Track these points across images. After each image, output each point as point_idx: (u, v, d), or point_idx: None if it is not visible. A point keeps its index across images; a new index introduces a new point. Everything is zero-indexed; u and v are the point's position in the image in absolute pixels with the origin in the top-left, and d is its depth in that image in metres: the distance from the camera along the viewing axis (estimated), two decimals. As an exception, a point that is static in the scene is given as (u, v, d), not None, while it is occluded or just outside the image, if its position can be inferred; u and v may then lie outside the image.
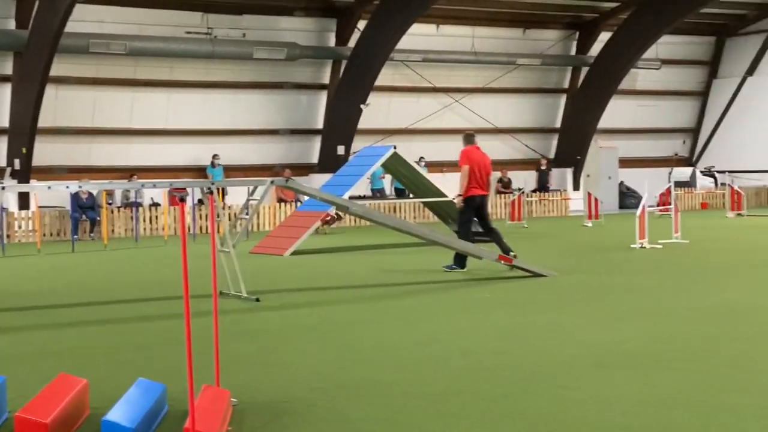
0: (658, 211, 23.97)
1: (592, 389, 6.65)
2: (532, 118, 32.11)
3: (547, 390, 6.66)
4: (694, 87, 35.41)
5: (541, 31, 31.36)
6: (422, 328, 9.43)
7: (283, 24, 27.14)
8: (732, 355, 7.73)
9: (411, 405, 6.31)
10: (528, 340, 8.61)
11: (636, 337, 8.63)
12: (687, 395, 6.42)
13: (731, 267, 14.41)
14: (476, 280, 13.02)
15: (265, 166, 27.20)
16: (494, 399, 6.44)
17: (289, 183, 12.59)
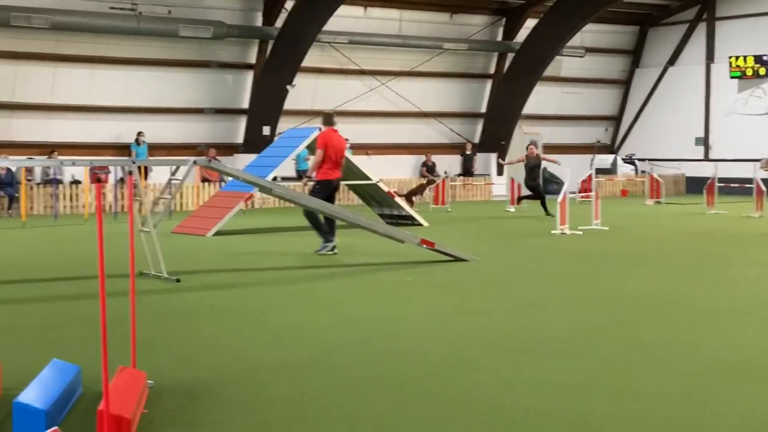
0: (580, 197, 24.33)
1: (506, 374, 6.77)
2: (458, 103, 32.30)
3: (462, 374, 6.76)
4: (616, 75, 35.93)
5: (468, 16, 31.50)
6: (343, 311, 9.47)
7: (210, 2, 26.84)
8: (644, 341, 7.91)
9: (329, 388, 6.35)
10: (448, 325, 8.70)
11: (553, 322, 8.78)
12: (597, 380, 6.57)
13: (648, 254, 14.72)
14: (398, 264, 13.08)
15: (190, 145, 26.94)
16: (411, 383, 6.51)
17: (212, 163, 12.51)
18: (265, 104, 27.34)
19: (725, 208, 23.32)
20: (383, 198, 19.96)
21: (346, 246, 15.33)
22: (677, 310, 9.42)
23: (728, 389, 6.32)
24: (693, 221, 21.00)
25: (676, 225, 19.99)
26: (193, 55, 27.08)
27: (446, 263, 13.07)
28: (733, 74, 32.40)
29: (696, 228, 19.22)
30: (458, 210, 24.55)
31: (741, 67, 32.13)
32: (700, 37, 34.00)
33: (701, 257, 14.22)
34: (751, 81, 32.13)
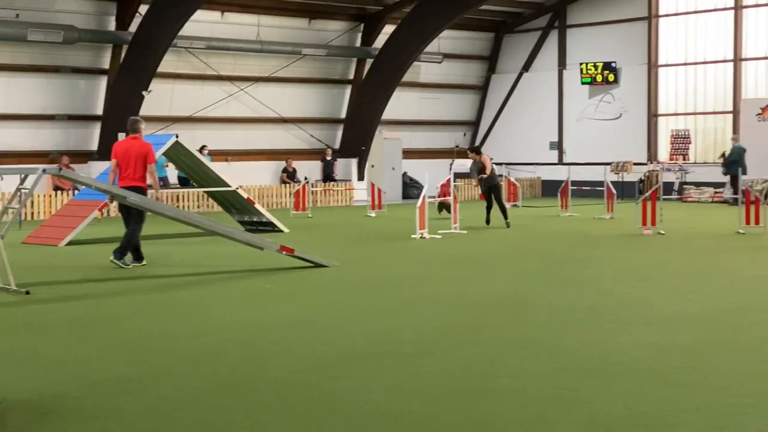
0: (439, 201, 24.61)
1: (365, 378, 6.78)
2: (318, 109, 32.28)
3: (321, 380, 6.73)
4: (474, 81, 36.55)
5: (326, 22, 31.54)
6: (200, 319, 9.33)
7: (60, 5, 26.09)
8: (500, 342, 8.06)
9: (184, 398, 6.24)
10: (306, 331, 8.67)
11: (411, 326, 8.85)
12: (454, 381, 6.65)
13: (505, 257, 15.02)
14: (258, 271, 12.98)
15: (41, 153, 26.10)
16: (269, 390, 6.46)
17: (63, 172, 12.15)
18: (120, 110, 26.67)
19: (578, 211, 23.99)
20: (243, 205, 19.76)
21: (204, 254, 15.13)
22: (533, 311, 9.63)
23: (582, 387, 6.48)
24: (548, 223, 21.53)
25: (533, 227, 20.44)
26: (44, 60, 26.26)
27: (306, 269, 13.03)
28: (584, 80, 33.39)
29: (551, 230, 19.71)
30: (319, 216, 24.53)
31: (591, 74, 33.13)
32: (552, 44, 34.92)
33: (556, 258, 14.57)
34: (601, 87, 33.17)
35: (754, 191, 20.08)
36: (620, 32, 32.72)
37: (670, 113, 32.09)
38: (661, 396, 6.21)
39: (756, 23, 29.88)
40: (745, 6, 30.02)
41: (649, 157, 31.93)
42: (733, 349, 7.64)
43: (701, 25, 31.06)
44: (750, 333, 8.30)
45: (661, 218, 18.11)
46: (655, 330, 8.47)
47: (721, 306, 9.77)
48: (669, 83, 32.05)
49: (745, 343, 7.89)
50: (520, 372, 6.91)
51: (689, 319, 9.01)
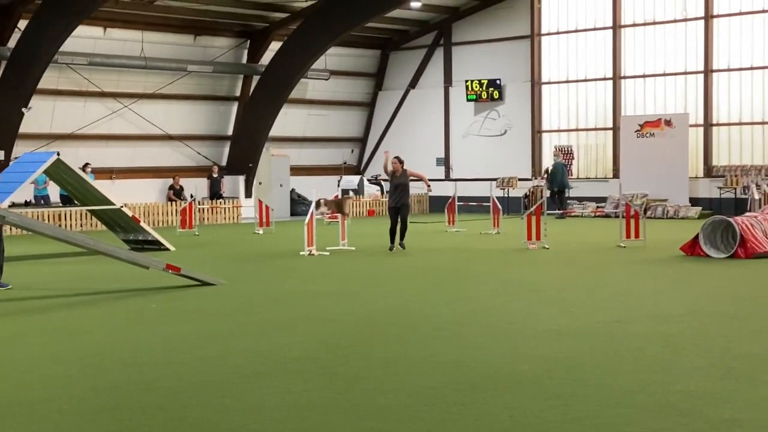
0: (327, 218, 24.62)
1: (253, 397, 6.72)
2: (204, 126, 31.96)
3: (208, 399, 6.66)
4: (361, 98, 36.73)
5: (212, 38, 31.27)
6: (84, 340, 9.13)
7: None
8: (386, 358, 8.09)
9: (66, 422, 6.09)
10: (193, 350, 8.56)
11: (299, 343, 8.82)
12: (341, 399, 6.65)
13: (392, 273, 15.09)
14: (143, 291, 12.76)
15: None
16: (154, 411, 6.35)
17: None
18: (0, 127, 26.02)
19: (465, 226, 24.29)
20: (128, 223, 19.42)
21: (88, 274, 14.81)
22: (419, 326, 9.70)
23: (468, 401, 6.55)
24: (435, 239, 21.73)
25: (420, 243, 20.59)
26: None
27: (193, 288, 12.88)
28: (470, 97, 33.89)
29: (438, 246, 19.90)
30: (206, 234, 24.26)
31: (476, 91, 33.66)
32: (438, 62, 35.33)
33: (443, 274, 14.71)
34: (487, 104, 33.71)
35: (635, 206, 20.66)
36: (504, 50, 33.33)
37: (554, 129, 32.81)
38: (545, 408, 6.33)
39: (633, 43, 30.81)
40: (624, 26, 30.92)
41: (534, 172, 32.57)
42: (614, 361, 7.83)
43: (582, 43, 31.88)
44: (629, 344, 8.53)
45: (546, 233, 18.47)
46: (539, 343, 8.63)
47: (601, 319, 10.01)
48: (552, 100, 32.79)
49: (625, 354, 8.10)
50: (408, 387, 6.95)
51: (572, 332, 9.20)
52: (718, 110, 29.40)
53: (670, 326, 9.47)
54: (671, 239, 18.62)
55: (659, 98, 30.44)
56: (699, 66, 29.49)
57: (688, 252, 16.53)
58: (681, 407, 6.31)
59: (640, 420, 6.02)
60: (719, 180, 28.71)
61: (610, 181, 30.35)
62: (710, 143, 29.50)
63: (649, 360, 7.85)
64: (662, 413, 6.17)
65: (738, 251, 15.87)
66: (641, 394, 6.66)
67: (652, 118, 29.57)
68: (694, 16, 29.47)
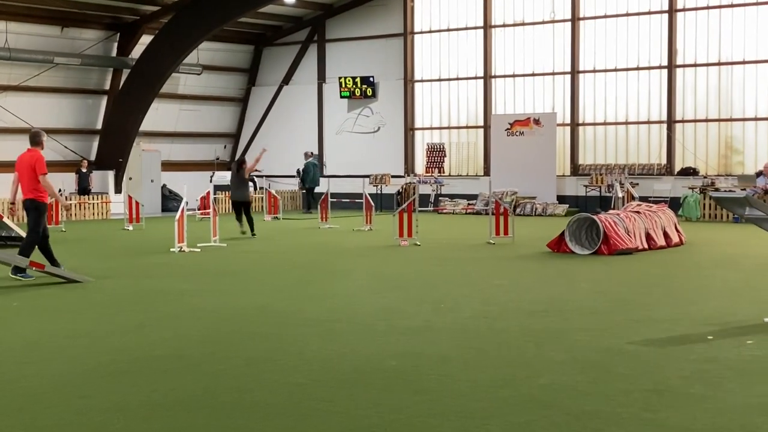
0: (200, 214, 24.35)
1: (114, 397, 6.60)
2: (73, 119, 31.18)
3: (70, 399, 6.52)
4: (234, 93, 36.40)
5: (80, 30, 30.52)
6: (-61, 342, 8.80)
7: None
8: (253, 356, 8.05)
9: None
10: (56, 349, 8.37)
11: (163, 340, 8.71)
12: (207, 397, 6.60)
13: (262, 269, 15.03)
14: (5, 288, 12.38)
15: None
16: (13, 413, 6.18)
17: None
18: None
19: (338, 223, 24.36)
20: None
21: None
22: (286, 323, 9.68)
23: (336, 397, 6.58)
24: (308, 236, 21.71)
25: (292, 240, 20.57)
26: None
27: (58, 285, 12.57)
28: (343, 94, 33.97)
29: (311, 242, 19.89)
30: (74, 230, 23.66)
31: (350, 88, 33.76)
32: (312, 58, 35.31)
33: (313, 270, 14.71)
34: (360, 101, 33.85)
35: (504, 203, 21.06)
36: (378, 48, 33.54)
37: (426, 127, 33.18)
38: (412, 402, 6.40)
39: (504, 43, 31.38)
40: (494, 26, 31.46)
41: (406, 169, 32.87)
42: (480, 356, 7.97)
43: (454, 42, 32.31)
44: (495, 340, 8.69)
45: (417, 230, 18.66)
46: (407, 339, 8.72)
47: (469, 314, 10.17)
48: (425, 98, 33.15)
49: (491, 350, 8.25)
50: (275, 384, 6.94)
51: (441, 328, 9.32)
52: (584, 110, 30.22)
53: (534, 321, 9.70)
54: (539, 236, 19.05)
55: (528, 97, 31.10)
56: (566, 67, 30.25)
57: (555, 249, 16.94)
58: (544, 400, 6.46)
59: (504, 413, 6.15)
60: (585, 178, 29.50)
61: (481, 178, 30.85)
62: (576, 142, 30.29)
63: (513, 355, 8.03)
64: (526, 406, 6.31)
65: (602, 248, 16.35)
66: (506, 388, 6.81)
67: (521, 117, 30.20)
68: (562, 18, 30.21)
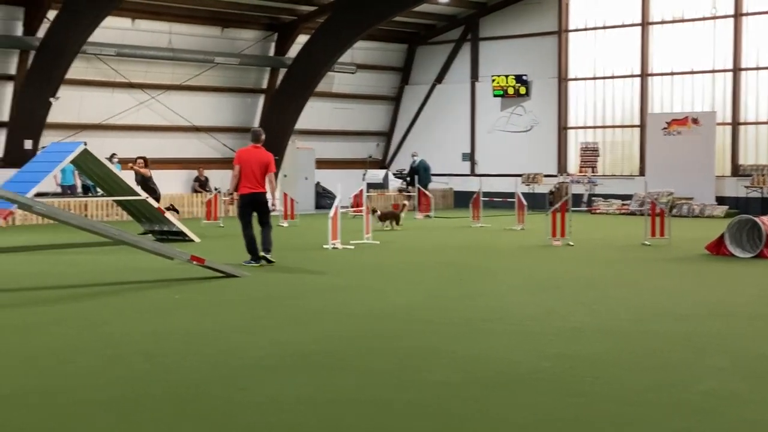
0: (352, 212, 24.65)
1: (271, 390, 6.73)
2: (230, 117, 32.07)
3: (226, 392, 6.67)
4: (387, 92, 36.71)
5: (239, 31, 31.38)
6: (105, 331, 9.17)
7: (-34, 9, 25.55)
8: (404, 353, 8.08)
9: (84, 412, 6.12)
10: (213, 342, 8.58)
11: (319, 337, 8.83)
12: (362, 393, 6.65)
13: (416, 267, 15.05)
14: (167, 281, 12.81)
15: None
16: (174, 402, 6.38)
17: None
18: (27, 117, 26.21)
19: (490, 222, 24.23)
20: (153, 214, 19.52)
21: (113, 264, 14.90)
22: (441, 322, 9.68)
23: (487, 398, 6.53)
24: (459, 234, 21.69)
25: (444, 238, 20.58)
26: (-52, 65, 25.66)
27: (217, 279, 12.92)
28: (496, 93, 33.80)
29: (461, 241, 19.86)
30: (231, 225, 24.26)
31: (503, 86, 33.57)
32: (464, 57, 35.27)
33: (466, 269, 14.67)
34: (513, 99, 33.62)
35: (660, 204, 20.54)
36: (531, 46, 33.24)
37: (580, 126, 32.68)
38: (565, 405, 6.31)
39: (662, 40, 30.61)
40: (652, 23, 30.73)
41: (559, 169, 32.46)
42: (635, 360, 7.79)
43: (610, 40, 31.71)
44: (651, 343, 8.47)
45: (570, 229, 18.40)
46: (560, 340, 8.59)
47: (624, 317, 9.95)
48: (579, 97, 32.65)
49: (647, 353, 8.05)
50: (426, 383, 6.94)
51: (594, 330, 9.16)
52: (746, 109, 29.17)
53: (693, 326, 9.42)
54: (696, 238, 18.49)
55: (687, 96, 30.24)
56: (728, 64, 29.27)
57: (714, 251, 16.42)
58: (702, 407, 6.27)
59: (661, 419, 5.99)
60: (746, 179, 28.49)
61: (635, 178, 30.19)
62: (738, 142, 29.28)
63: (670, 359, 7.81)
64: (683, 413, 6.13)
65: (764, 251, 15.75)
66: (663, 393, 6.62)
67: (679, 116, 29.39)
68: (724, 14, 29.24)
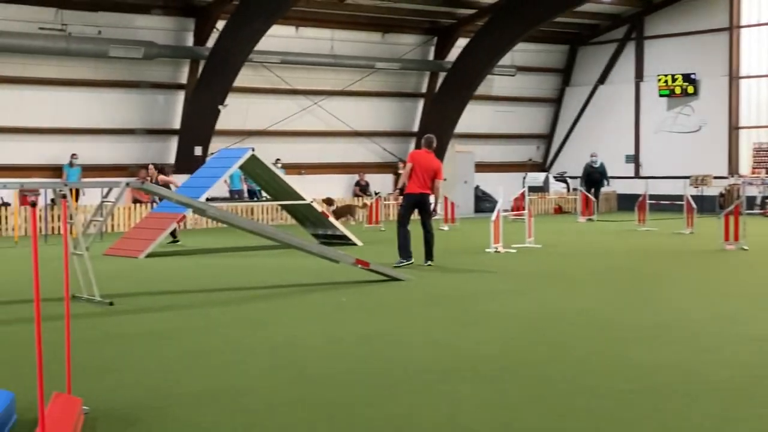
0: (513, 215, 24.47)
1: (445, 394, 6.72)
2: (390, 122, 32.36)
3: (399, 398, 6.69)
4: (548, 94, 36.33)
5: (399, 36, 31.64)
6: (273, 333, 9.35)
7: (140, 22, 26.58)
8: (577, 360, 7.93)
9: (266, 413, 6.25)
10: (384, 345, 8.64)
11: (488, 341, 8.77)
12: (535, 400, 6.57)
13: (580, 272, 14.81)
14: (332, 284, 13.00)
15: (121, 166, 26.58)
16: (349, 405, 6.44)
17: (144, 185, 12.34)
18: (197, 124, 27.13)
19: (656, 225, 23.64)
20: (317, 218, 19.87)
21: (279, 267, 15.23)
22: (612, 327, 9.48)
23: (667, 407, 6.35)
24: (624, 238, 21.24)
25: (608, 242, 20.19)
26: (124, 76, 26.79)
27: (381, 283, 13.02)
28: (662, 92, 32.95)
29: (627, 245, 19.43)
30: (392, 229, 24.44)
31: (670, 86, 32.69)
32: (629, 56, 34.54)
33: (634, 274, 14.35)
34: (680, 99, 32.70)
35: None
36: (700, 43, 32.26)
37: (752, 126, 31.49)
38: (749, 416, 6.07)
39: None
40: (828, 16, 29.42)
41: (730, 170, 31.34)
42: (824, 369, 7.44)
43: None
44: (840, 352, 8.08)
45: (745, 233, 17.74)
46: (743, 348, 8.27)
47: (808, 324, 9.53)
48: (751, 95, 31.46)
49: (836, 362, 7.68)
50: (603, 391, 6.79)
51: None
52: None
53: None
54: None
55: None
56: None
57: None
58: None
59: None
60: None
61: (812, 180, 28.92)
62: None
63: None
64: None
65: None
66: None
67: None
68: None
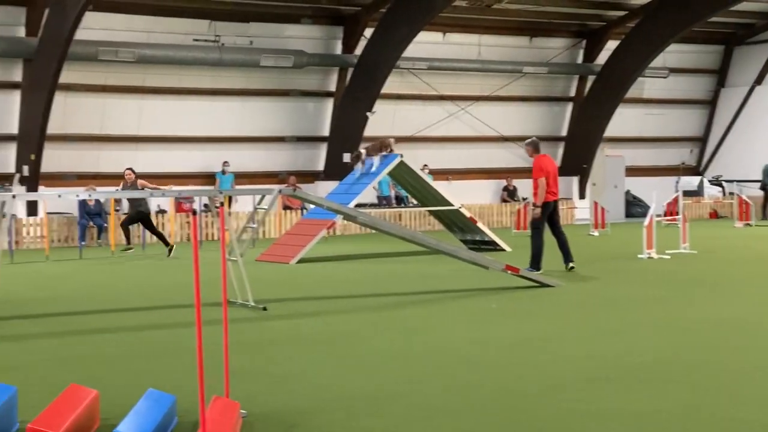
0: (665, 220, 23.93)
1: (596, 402, 6.66)
2: (539, 127, 32.08)
3: (553, 404, 6.66)
4: (701, 96, 35.37)
5: (547, 39, 31.37)
6: (427, 338, 9.43)
7: (290, 31, 27.19)
8: (738, 369, 7.73)
9: (418, 417, 6.32)
10: (533, 351, 8.61)
11: (642, 349, 8.63)
12: (693, 409, 6.43)
13: (740, 279, 14.38)
14: (483, 290, 13.01)
15: (272, 173, 27.25)
16: (498, 412, 6.45)
17: (296, 192, 12.64)
18: (345, 131, 27.53)
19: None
20: (465, 223, 19.91)
21: (429, 272, 15.32)
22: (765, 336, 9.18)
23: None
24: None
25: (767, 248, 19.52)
26: (275, 84, 27.44)
27: (531, 289, 12.96)
28: (822, 92, 31.67)
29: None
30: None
31: (832, 85, 31.38)
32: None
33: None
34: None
35: None
36: None
37: None
38: None
39: None
40: None
41: None
42: None
43: None
44: None
45: None
46: None
47: None
48: None
49: None
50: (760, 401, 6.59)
51: None
52: None
53: None
54: None
55: None
56: None
57: None
58: None
59: None
60: None
61: None
62: None
63: None
64: None
65: None
66: None
67: None
68: None
